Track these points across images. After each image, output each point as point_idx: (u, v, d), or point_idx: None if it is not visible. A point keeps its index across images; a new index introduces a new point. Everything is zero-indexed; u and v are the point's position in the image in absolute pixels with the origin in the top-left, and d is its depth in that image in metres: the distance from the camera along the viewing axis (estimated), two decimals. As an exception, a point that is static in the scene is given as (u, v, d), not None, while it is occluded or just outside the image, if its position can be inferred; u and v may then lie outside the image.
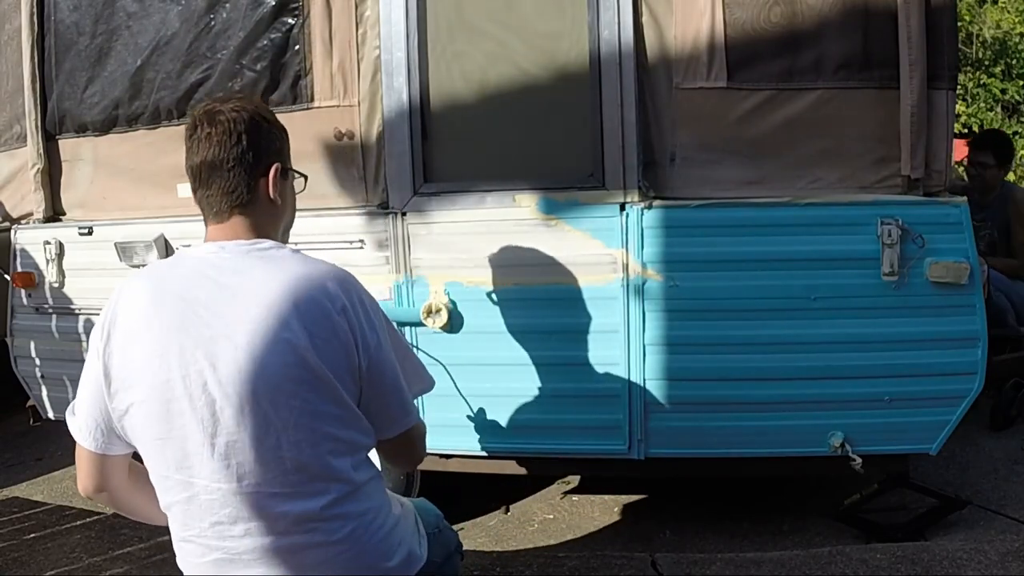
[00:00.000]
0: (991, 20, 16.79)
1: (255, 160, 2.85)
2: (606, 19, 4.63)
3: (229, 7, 5.02)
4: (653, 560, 4.65)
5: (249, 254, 2.78)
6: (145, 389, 2.67)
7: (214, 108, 2.88)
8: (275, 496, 2.65)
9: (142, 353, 2.68)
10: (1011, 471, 5.73)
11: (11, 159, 5.73)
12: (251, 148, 2.84)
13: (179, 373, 2.62)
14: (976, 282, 4.55)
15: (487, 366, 4.99)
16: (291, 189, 3.10)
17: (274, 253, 2.80)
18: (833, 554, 4.58)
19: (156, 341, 2.67)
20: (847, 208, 4.57)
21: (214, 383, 2.60)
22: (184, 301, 2.68)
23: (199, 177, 2.85)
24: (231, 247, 2.80)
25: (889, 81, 4.49)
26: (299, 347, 2.60)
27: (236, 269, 2.73)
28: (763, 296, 4.68)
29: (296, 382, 2.61)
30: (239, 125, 2.83)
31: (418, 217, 4.91)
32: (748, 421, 4.83)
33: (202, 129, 2.84)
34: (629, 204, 4.68)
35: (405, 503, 3.26)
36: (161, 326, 2.67)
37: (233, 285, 2.68)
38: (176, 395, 2.63)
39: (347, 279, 2.79)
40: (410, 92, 4.84)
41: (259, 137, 2.87)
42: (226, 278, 2.70)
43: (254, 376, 2.58)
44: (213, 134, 2.81)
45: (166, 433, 2.66)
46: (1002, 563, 4.29)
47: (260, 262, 2.76)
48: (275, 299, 2.62)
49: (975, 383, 4.65)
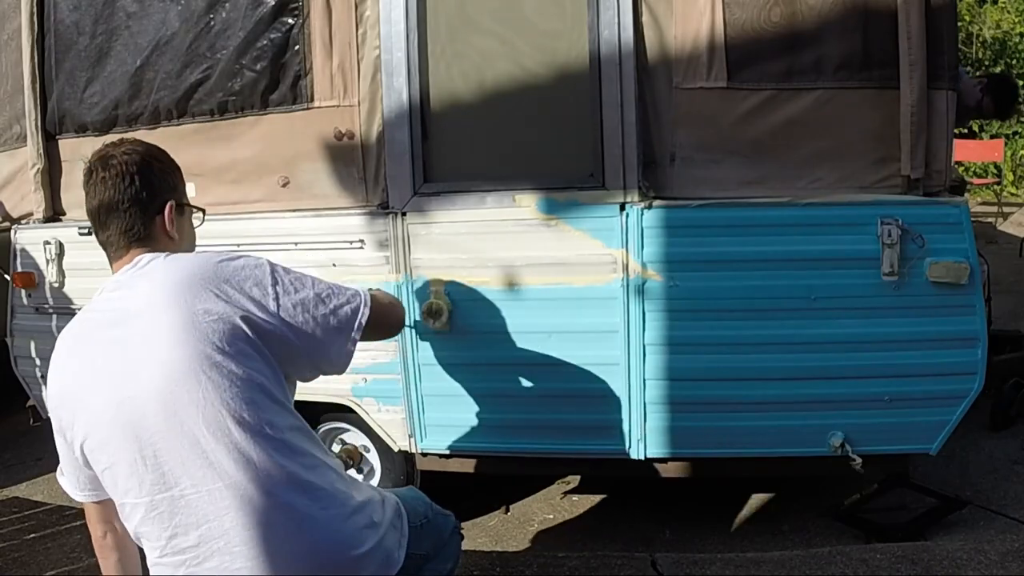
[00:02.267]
0: (991, 20, 16.78)
1: (149, 199, 3.03)
2: (606, 19, 4.62)
3: (229, 7, 5.01)
4: (653, 560, 4.64)
5: (133, 276, 2.94)
6: (98, 433, 2.83)
7: (107, 153, 3.06)
8: (227, 487, 2.76)
9: (83, 403, 2.85)
10: (1011, 471, 5.72)
11: (11, 159, 5.73)
12: (144, 188, 3.02)
13: (114, 405, 2.77)
14: (976, 282, 4.54)
15: (487, 366, 5.00)
16: (189, 223, 3.33)
17: (154, 265, 2.95)
18: (833, 554, 4.58)
19: (88, 387, 2.84)
20: (847, 208, 4.56)
21: (141, 401, 2.74)
22: (98, 343, 2.87)
23: (97, 219, 3.06)
24: (122, 278, 2.97)
25: (889, 81, 4.48)
26: (198, 339, 2.74)
27: (128, 294, 2.90)
28: (763, 296, 4.68)
29: (208, 372, 2.74)
30: (131, 167, 3.01)
31: (418, 217, 4.91)
32: (748, 421, 4.82)
33: (97, 174, 3.02)
34: (629, 204, 4.68)
35: (387, 497, 3.29)
36: (87, 370, 2.86)
37: (124, 309, 2.86)
38: (120, 424, 2.77)
39: (221, 258, 2.97)
40: (410, 92, 4.84)
41: (152, 177, 3.05)
42: (124, 306, 2.87)
43: (171, 383, 2.72)
44: (107, 178, 2.99)
45: (133, 460, 2.80)
46: (1002, 563, 4.28)
47: (142, 279, 2.91)
48: (164, 304, 2.79)
49: (975, 383, 4.64)
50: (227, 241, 5.01)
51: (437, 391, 5.05)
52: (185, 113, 5.16)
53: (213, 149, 5.16)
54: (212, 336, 2.76)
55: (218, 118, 5.13)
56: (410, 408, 5.12)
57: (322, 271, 4.79)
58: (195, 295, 2.81)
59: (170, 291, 2.83)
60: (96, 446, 2.85)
